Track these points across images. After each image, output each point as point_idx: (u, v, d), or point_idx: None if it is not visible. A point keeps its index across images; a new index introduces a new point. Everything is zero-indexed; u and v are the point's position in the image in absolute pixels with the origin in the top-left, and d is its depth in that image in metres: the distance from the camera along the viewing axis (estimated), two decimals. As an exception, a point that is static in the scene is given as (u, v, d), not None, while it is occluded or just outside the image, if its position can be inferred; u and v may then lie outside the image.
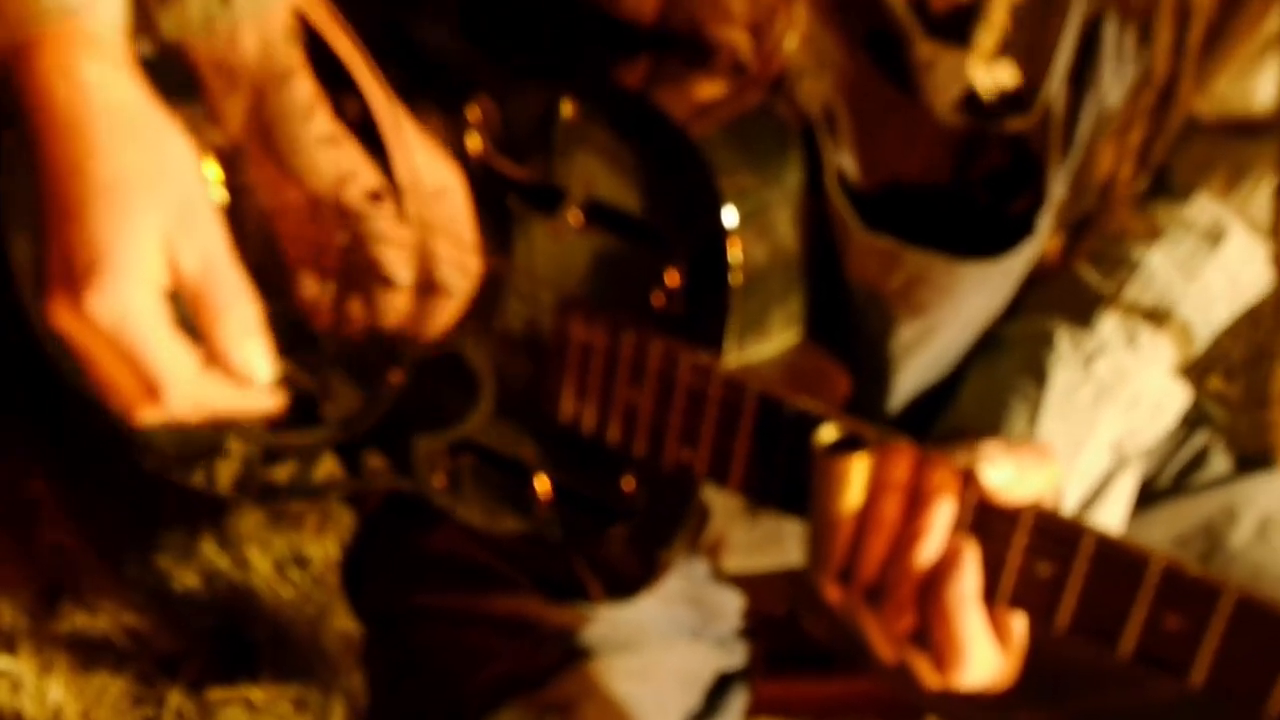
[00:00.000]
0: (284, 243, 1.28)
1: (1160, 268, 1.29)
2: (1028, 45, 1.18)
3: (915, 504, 1.00)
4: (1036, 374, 1.23)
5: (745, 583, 1.43)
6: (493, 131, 1.19)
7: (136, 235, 1.07)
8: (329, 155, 1.23)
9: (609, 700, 1.31)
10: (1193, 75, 1.19)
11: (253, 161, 1.24)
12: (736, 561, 1.39)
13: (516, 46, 1.23)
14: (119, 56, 1.13)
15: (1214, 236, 1.30)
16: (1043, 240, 1.21)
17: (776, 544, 1.38)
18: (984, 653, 1.00)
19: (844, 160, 1.16)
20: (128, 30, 1.15)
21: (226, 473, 1.44)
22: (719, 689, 1.37)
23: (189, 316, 1.11)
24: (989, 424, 1.20)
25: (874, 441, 0.98)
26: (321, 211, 1.27)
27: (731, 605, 1.41)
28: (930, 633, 1.00)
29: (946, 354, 1.27)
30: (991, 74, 1.17)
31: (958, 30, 1.15)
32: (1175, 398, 1.26)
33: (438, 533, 1.34)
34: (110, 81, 1.11)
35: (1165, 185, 1.32)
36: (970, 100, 1.18)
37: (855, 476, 1.00)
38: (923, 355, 1.24)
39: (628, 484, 1.16)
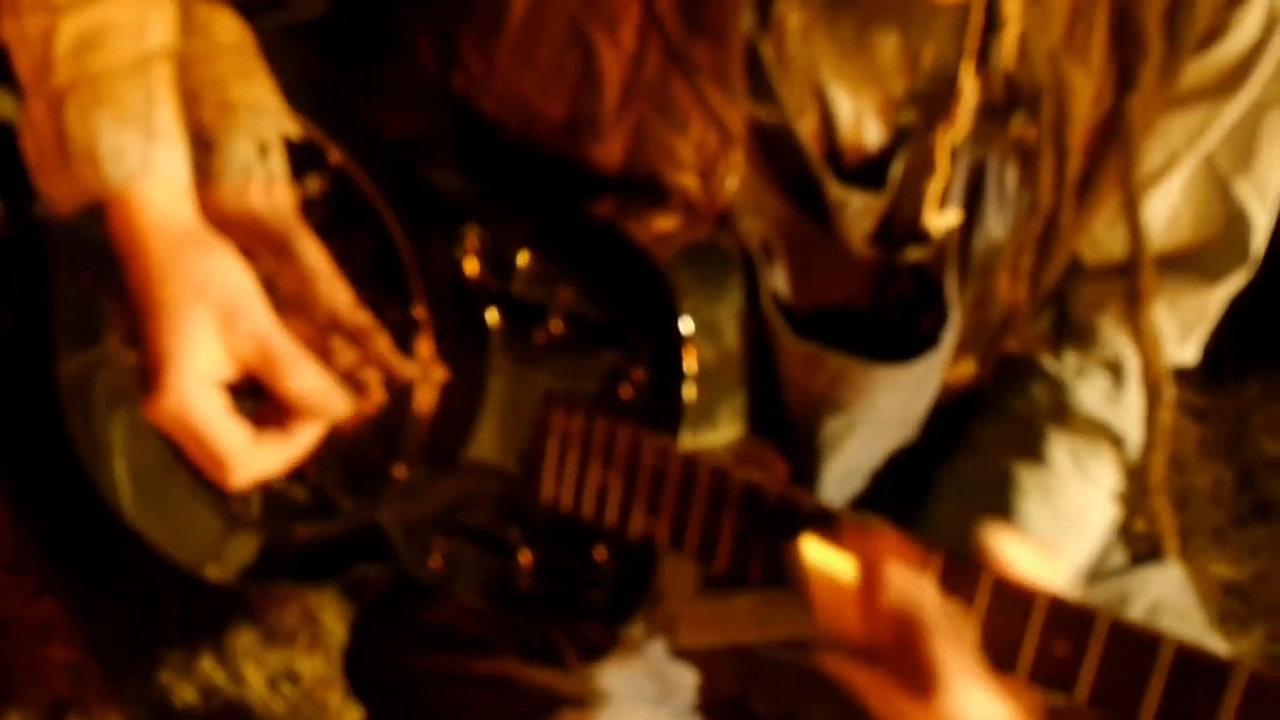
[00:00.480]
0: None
1: (1088, 396, 1.38)
2: (930, 175, 1.28)
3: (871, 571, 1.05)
4: (1005, 515, 1.31)
5: (699, 659, 1.47)
6: (485, 255, 1.27)
7: (188, 342, 1.21)
8: (330, 285, 1.33)
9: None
10: (1073, 208, 1.28)
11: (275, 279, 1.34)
12: (690, 638, 1.42)
13: (506, 183, 1.32)
14: (169, 202, 1.27)
15: (1120, 370, 1.39)
16: (948, 351, 1.29)
17: (728, 622, 1.42)
18: (974, 694, 1.03)
19: (778, 282, 1.25)
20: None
21: (242, 559, 1.50)
22: None
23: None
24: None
25: (852, 523, 1.06)
26: (320, 327, 1.36)
27: (687, 681, 1.45)
28: (915, 665, 1.03)
29: (868, 447, 1.34)
30: (941, 218, 1.28)
31: (867, 176, 1.25)
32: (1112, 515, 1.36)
33: (432, 607, 1.41)
34: (161, 223, 1.25)
35: (1070, 325, 1.42)
36: (881, 234, 1.27)
37: (820, 554, 1.07)
38: (847, 447, 1.30)
39: (600, 554, 1.22)
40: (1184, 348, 1.41)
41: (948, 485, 1.37)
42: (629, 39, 1.21)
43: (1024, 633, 0.97)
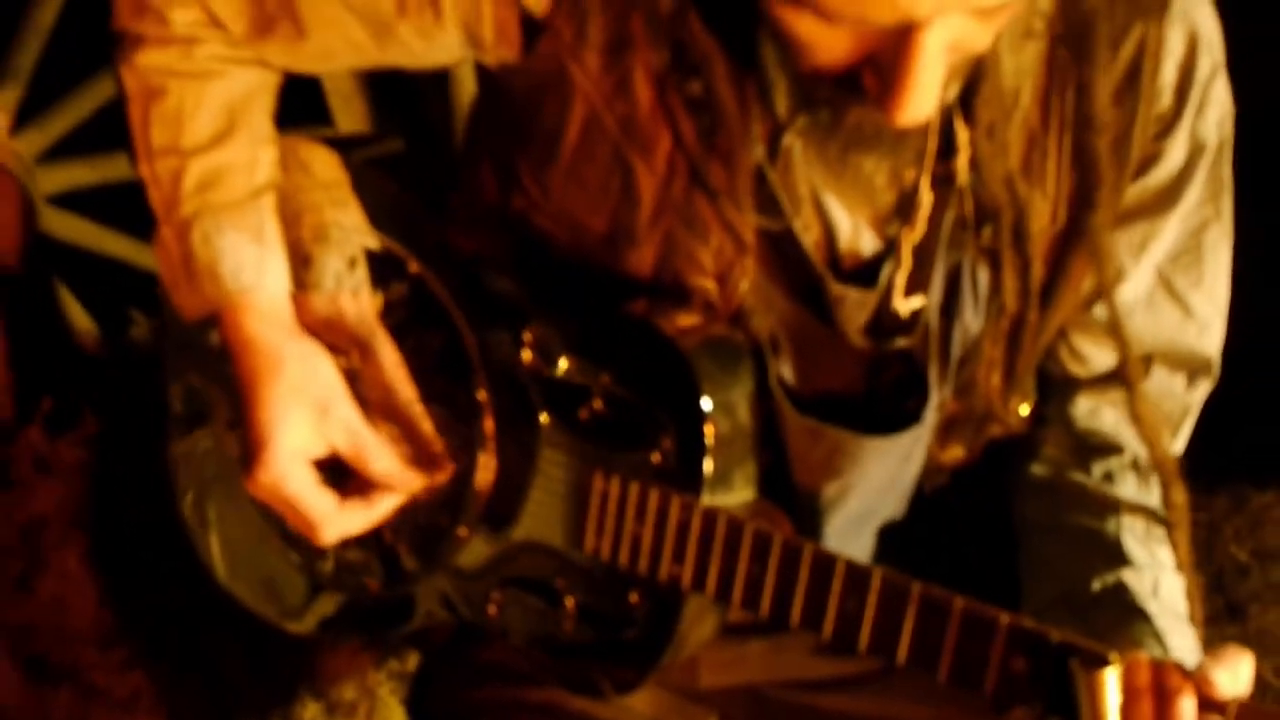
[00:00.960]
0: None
1: (1124, 490, 1.44)
2: (916, 281, 1.36)
3: (1163, 701, 1.11)
4: (1129, 589, 1.36)
5: (716, 699, 1.55)
6: (538, 347, 1.38)
7: (285, 427, 1.37)
8: (403, 379, 1.45)
9: None
10: (1037, 310, 1.37)
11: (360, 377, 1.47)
12: (709, 679, 1.51)
13: (555, 287, 1.41)
14: (274, 309, 1.41)
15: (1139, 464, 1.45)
16: (929, 428, 1.38)
17: (742, 664, 1.53)
18: None
19: (783, 368, 1.35)
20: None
21: (321, 615, 1.60)
22: None
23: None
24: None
25: (1118, 657, 1.11)
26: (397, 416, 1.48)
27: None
28: None
29: (863, 508, 1.41)
30: (906, 303, 1.36)
31: (862, 276, 1.35)
32: None
33: (488, 648, 1.50)
34: (262, 331, 1.40)
35: (1081, 439, 1.48)
36: (873, 326, 1.36)
37: (1110, 685, 1.11)
38: (845, 508, 1.38)
39: (634, 598, 1.32)
40: (1176, 442, 1.48)
41: (1057, 607, 1.39)
42: (661, 164, 1.31)
43: None
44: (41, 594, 2.35)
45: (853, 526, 1.41)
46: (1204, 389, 1.47)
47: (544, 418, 1.39)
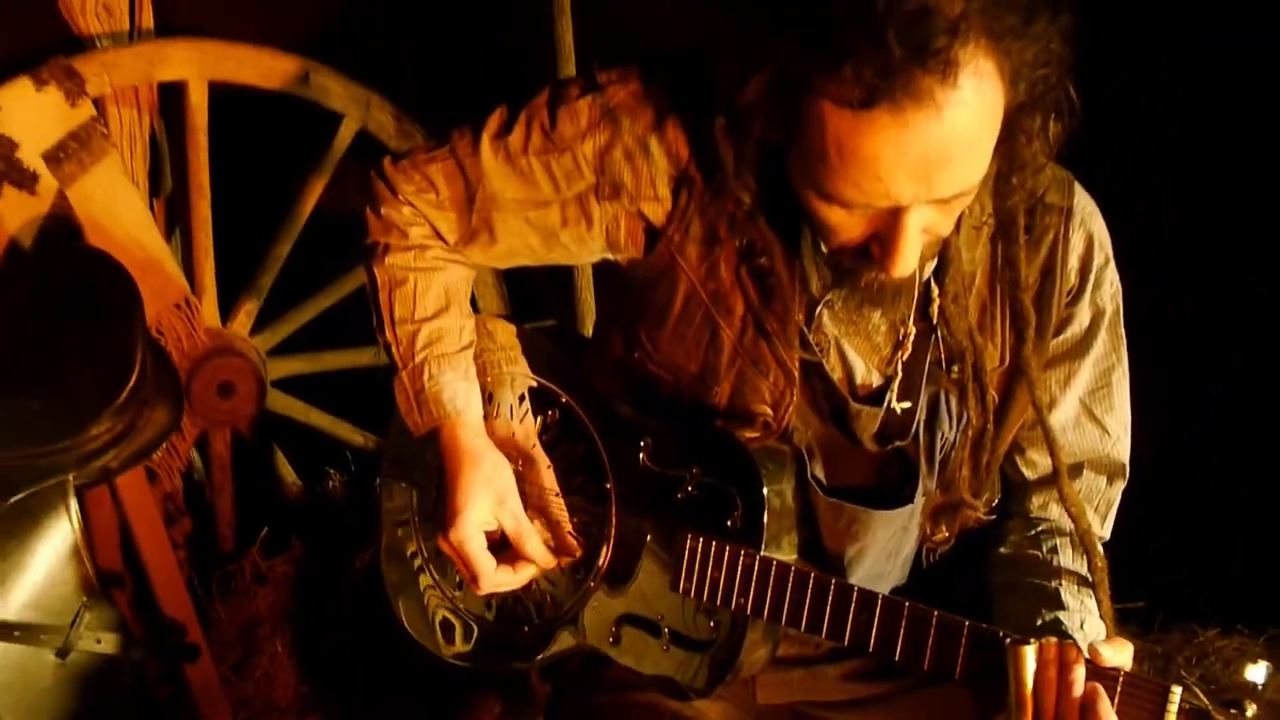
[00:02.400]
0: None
1: (1064, 559, 1.55)
2: (911, 397, 1.50)
3: (1064, 669, 1.24)
4: (1061, 622, 1.46)
5: (768, 713, 1.64)
6: (650, 452, 1.55)
7: (473, 505, 1.54)
8: (552, 482, 1.63)
9: None
10: (992, 424, 1.52)
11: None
12: (763, 697, 1.63)
13: (663, 411, 1.56)
14: (477, 425, 1.59)
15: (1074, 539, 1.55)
16: (920, 508, 1.52)
17: (788, 687, 1.63)
18: None
19: (816, 468, 1.50)
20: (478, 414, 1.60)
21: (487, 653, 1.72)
22: None
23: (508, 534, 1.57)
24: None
25: (1035, 640, 1.26)
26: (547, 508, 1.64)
27: None
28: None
29: (876, 565, 1.54)
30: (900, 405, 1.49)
31: (872, 399, 1.50)
32: None
33: (607, 668, 1.59)
34: (469, 439, 1.58)
35: (1033, 521, 1.61)
36: (880, 434, 1.50)
37: (1029, 657, 1.26)
38: (863, 564, 1.52)
39: (712, 624, 1.46)
40: (1104, 528, 1.60)
41: (1015, 618, 1.48)
42: (737, 321, 1.47)
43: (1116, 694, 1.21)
44: (255, 674, 2.44)
45: (870, 577, 1.52)
46: (1120, 486, 1.60)
47: (652, 499, 1.54)
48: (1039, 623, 1.46)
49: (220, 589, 2.63)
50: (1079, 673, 1.23)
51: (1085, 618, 1.47)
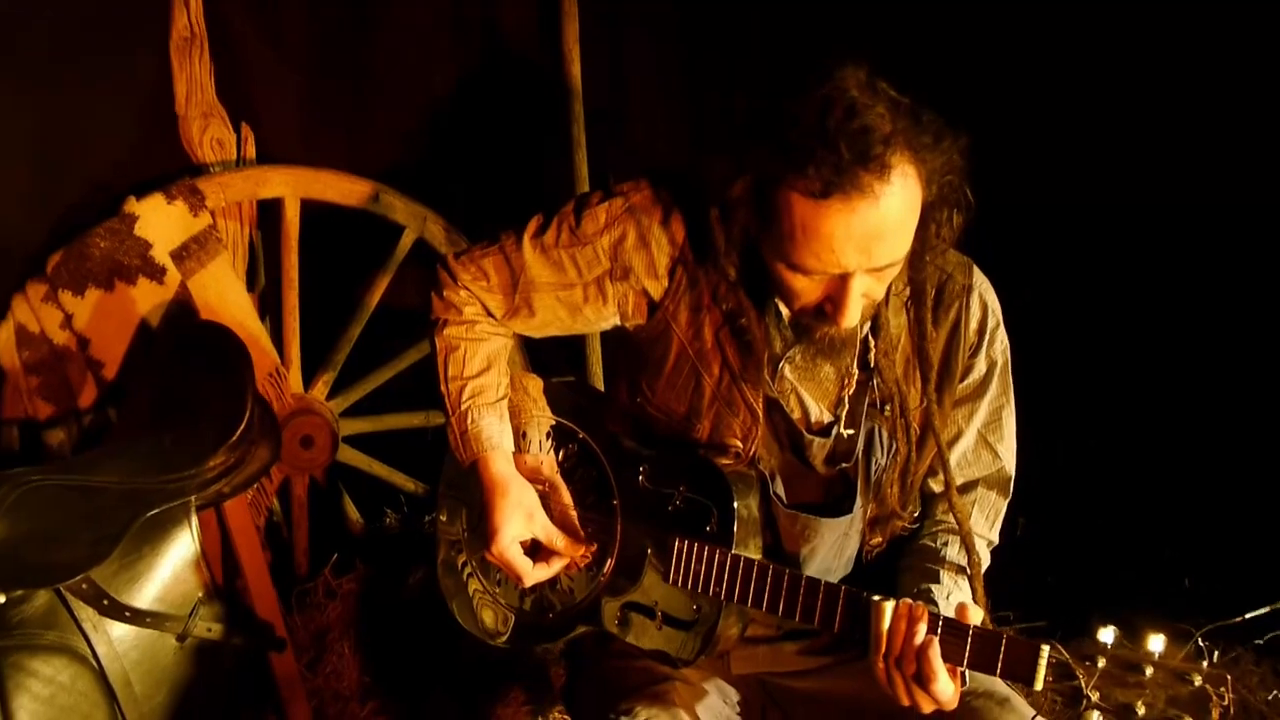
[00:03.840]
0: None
1: (949, 553, 1.59)
2: (850, 435, 1.55)
3: (911, 623, 1.29)
4: (933, 593, 1.49)
5: (738, 680, 1.67)
6: (647, 475, 1.60)
7: (509, 524, 1.59)
8: (569, 502, 1.67)
9: (683, 699, 1.56)
10: (915, 452, 1.57)
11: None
12: (736, 668, 1.67)
13: (658, 444, 1.61)
14: (508, 457, 1.63)
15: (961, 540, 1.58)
16: (859, 517, 1.57)
17: (754, 660, 1.67)
18: (949, 685, 1.28)
19: (778, 487, 1.56)
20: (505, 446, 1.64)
21: (520, 634, 1.75)
22: None
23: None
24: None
25: (893, 599, 1.31)
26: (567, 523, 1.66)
27: (733, 698, 1.66)
28: (924, 678, 1.28)
29: (825, 562, 1.59)
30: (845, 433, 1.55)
31: (823, 432, 1.56)
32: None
33: (614, 643, 1.63)
34: (501, 468, 1.63)
35: (937, 524, 1.64)
36: (829, 459, 1.56)
37: (887, 611, 1.32)
38: (814, 561, 1.58)
39: (695, 607, 1.52)
40: (992, 531, 1.64)
41: (903, 591, 1.52)
42: (715, 372, 1.54)
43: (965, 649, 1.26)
44: (325, 670, 2.44)
45: (821, 571, 1.57)
46: (1006, 498, 1.64)
47: (649, 511, 1.59)
48: (914, 590, 1.51)
49: (298, 603, 2.62)
50: (921, 626, 1.28)
51: (952, 592, 1.52)
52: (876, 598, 1.34)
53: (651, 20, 2.88)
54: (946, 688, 1.28)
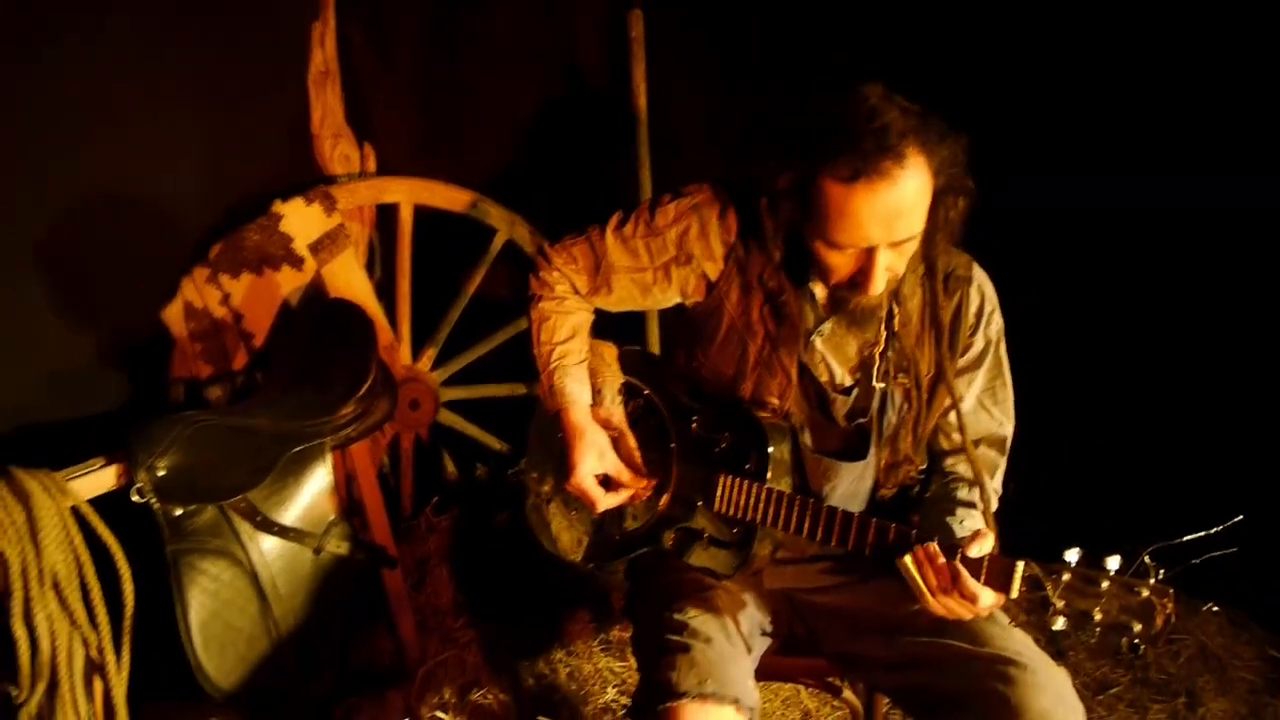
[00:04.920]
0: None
1: (959, 492, 1.61)
2: (867, 395, 1.59)
3: (934, 561, 1.33)
4: (950, 525, 1.53)
5: (769, 595, 1.69)
6: (700, 424, 1.65)
7: (585, 460, 1.64)
8: (633, 447, 1.71)
9: (725, 605, 1.59)
10: (924, 411, 1.60)
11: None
12: (769, 583, 1.71)
13: (709, 400, 1.66)
14: (585, 409, 1.67)
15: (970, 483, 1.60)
16: (874, 463, 1.60)
17: (782, 577, 1.71)
18: (990, 595, 1.31)
19: (805, 438, 1.62)
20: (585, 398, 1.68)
21: (589, 553, 1.79)
22: (759, 638, 1.65)
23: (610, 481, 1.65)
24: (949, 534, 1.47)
25: (918, 541, 1.34)
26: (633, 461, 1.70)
27: (765, 609, 1.69)
28: (969, 597, 1.31)
29: (845, 499, 1.62)
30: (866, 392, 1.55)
31: (846, 392, 1.59)
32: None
33: (669, 561, 1.68)
34: (579, 417, 1.67)
35: (947, 473, 1.65)
36: (849, 414, 1.60)
37: (910, 564, 1.35)
38: (833, 498, 1.61)
39: (734, 531, 1.58)
40: (994, 482, 1.63)
41: (925, 525, 1.54)
42: (760, 341, 1.59)
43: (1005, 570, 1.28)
44: (426, 589, 2.51)
45: (842, 504, 1.56)
46: (1004, 455, 1.65)
47: (700, 453, 1.65)
48: (936, 526, 1.55)
49: (403, 536, 2.67)
50: (941, 559, 1.33)
51: (965, 519, 1.56)
52: (902, 554, 1.37)
53: (705, 59, 2.90)
54: (988, 597, 1.31)
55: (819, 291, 1.57)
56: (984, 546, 1.33)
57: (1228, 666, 2.39)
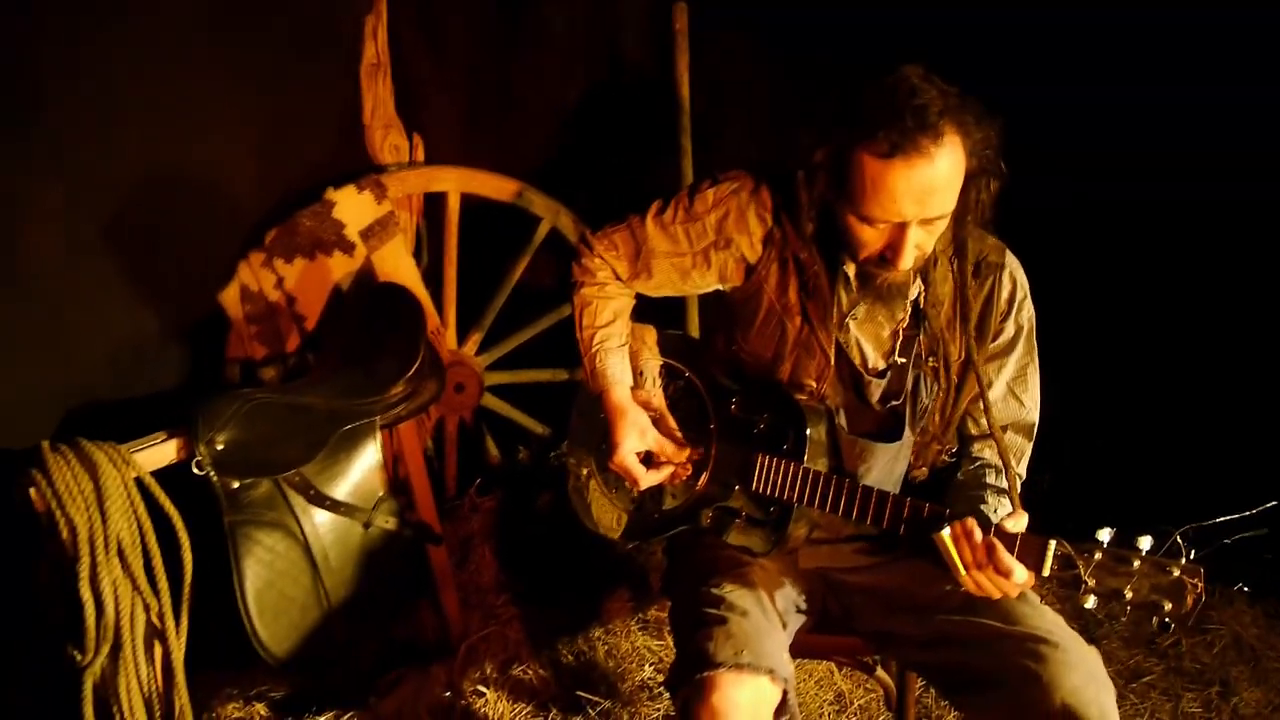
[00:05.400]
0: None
1: (988, 477, 1.61)
2: (900, 379, 1.60)
3: (970, 537, 1.34)
4: (983, 511, 1.53)
5: (804, 574, 1.70)
6: (739, 405, 1.67)
7: (627, 439, 1.66)
8: (673, 428, 1.72)
9: (760, 581, 1.62)
10: (953, 395, 1.61)
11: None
12: (804, 562, 1.72)
13: (747, 381, 1.67)
14: (626, 389, 1.69)
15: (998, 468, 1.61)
16: (908, 444, 1.60)
17: (817, 557, 1.72)
18: (1023, 572, 1.32)
19: (841, 420, 1.63)
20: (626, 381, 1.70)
21: (629, 532, 1.82)
22: (794, 615, 1.66)
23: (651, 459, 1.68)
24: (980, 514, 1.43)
25: (952, 519, 1.36)
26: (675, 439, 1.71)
27: (800, 587, 1.69)
28: (1003, 572, 1.32)
29: (879, 479, 1.62)
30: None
31: (880, 375, 1.61)
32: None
33: (706, 539, 1.70)
34: (621, 397, 1.69)
35: (975, 459, 1.64)
36: (883, 397, 1.61)
37: (947, 539, 1.37)
38: (867, 479, 1.61)
39: (772, 510, 1.60)
40: (1020, 467, 1.63)
41: (957, 510, 1.47)
42: (797, 323, 1.61)
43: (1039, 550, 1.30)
44: (469, 567, 2.55)
45: (878, 484, 1.56)
46: (1030, 441, 1.65)
47: (739, 433, 1.66)
48: (970, 507, 1.56)
49: (448, 516, 2.71)
50: (978, 534, 1.35)
51: (997, 508, 1.57)
52: (932, 516, 1.39)
53: (746, 52, 2.94)
54: (1022, 574, 1.33)
55: (850, 271, 1.58)
56: (1019, 524, 1.34)
57: (1261, 657, 2.37)
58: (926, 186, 1.37)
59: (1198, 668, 2.34)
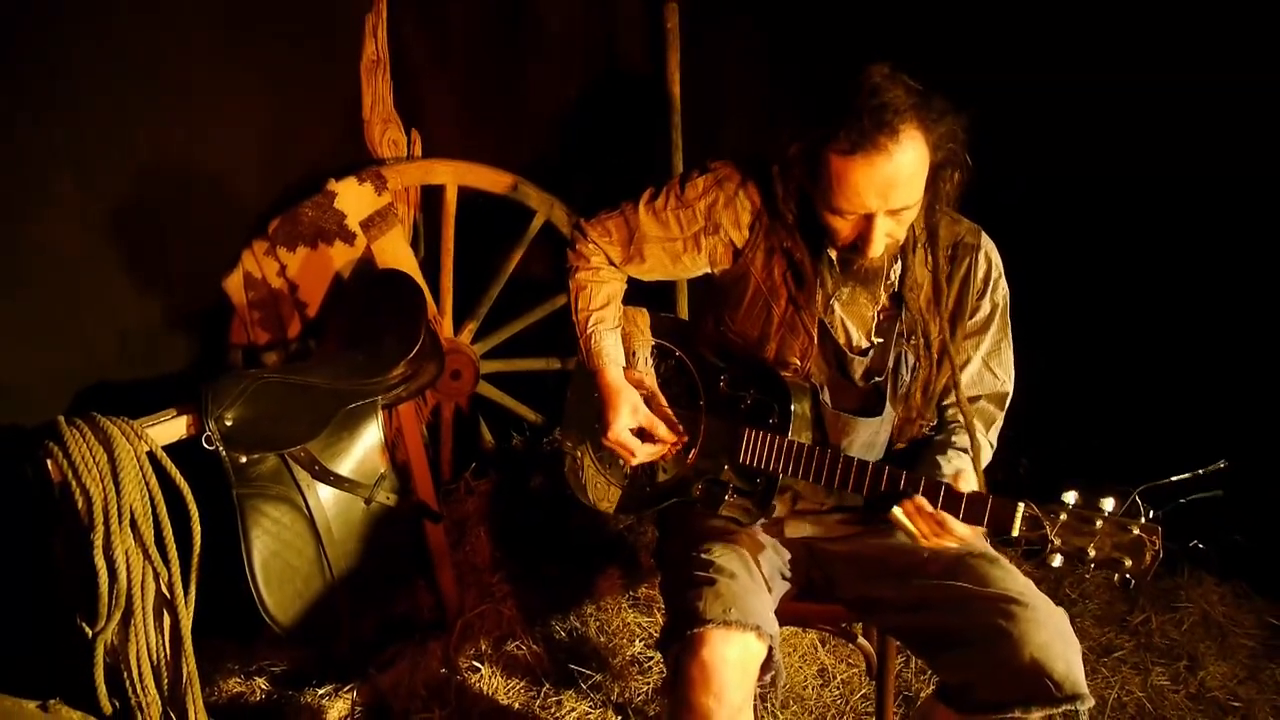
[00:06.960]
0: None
1: (958, 440, 1.64)
2: (883, 357, 1.63)
3: (920, 510, 1.41)
4: (941, 462, 1.57)
5: (789, 544, 1.74)
6: (727, 383, 1.70)
7: (620, 417, 1.70)
8: (664, 405, 1.75)
9: (747, 547, 1.64)
10: (933, 372, 1.64)
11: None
12: (789, 532, 1.76)
13: (734, 360, 1.70)
14: (619, 369, 1.73)
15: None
16: (889, 418, 1.64)
17: (801, 526, 1.76)
18: (961, 528, 1.40)
19: (825, 396, 1.66)
20: (617, 360, 1.73)
21: (623, 503, 1.84)
22: (779, 581, 1.68)
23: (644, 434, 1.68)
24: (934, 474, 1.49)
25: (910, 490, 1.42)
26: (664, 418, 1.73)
27: (785, 556, 1.73)
28: (948, 531, 1.41)
29: (862, 450, 1.66)
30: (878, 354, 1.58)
31: (862, 353, 1.64)
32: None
33: (696, 509, 1.72)
34: (614, 376, 1.73)
35: (947, 424, 1.69)
36: (866, 374, 1.65)
37: (899, 513, 1.44)
38: (852, 448, 1.66)
39: (759, 481, 1.63)
40: (991, 434, 1.67)
41: (920, 468, 1.56)
42: (783, 303, 1.65)
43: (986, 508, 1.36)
44: (465, 547, 2.58)
45: (860, 454, 1.60)
46: (1003, 411, 1.69)
47: (727, 409, 1.69)
48: (927, 465, 1.61)
49: (445, 497, 2.76)
50: (926, 505, 1.42)
51: (953, 461, 1.61)
52: (893, 481, 1.45)
53: (737, 48, 2.97)
54: (959, 529, 1.41)
55: (834, 256, 1.62)
56: (970, 487, 1.42)
57: (1229, 633, 2.43)
58: (889, 180, 1.41)
59: (1167, 643, 2.39)
